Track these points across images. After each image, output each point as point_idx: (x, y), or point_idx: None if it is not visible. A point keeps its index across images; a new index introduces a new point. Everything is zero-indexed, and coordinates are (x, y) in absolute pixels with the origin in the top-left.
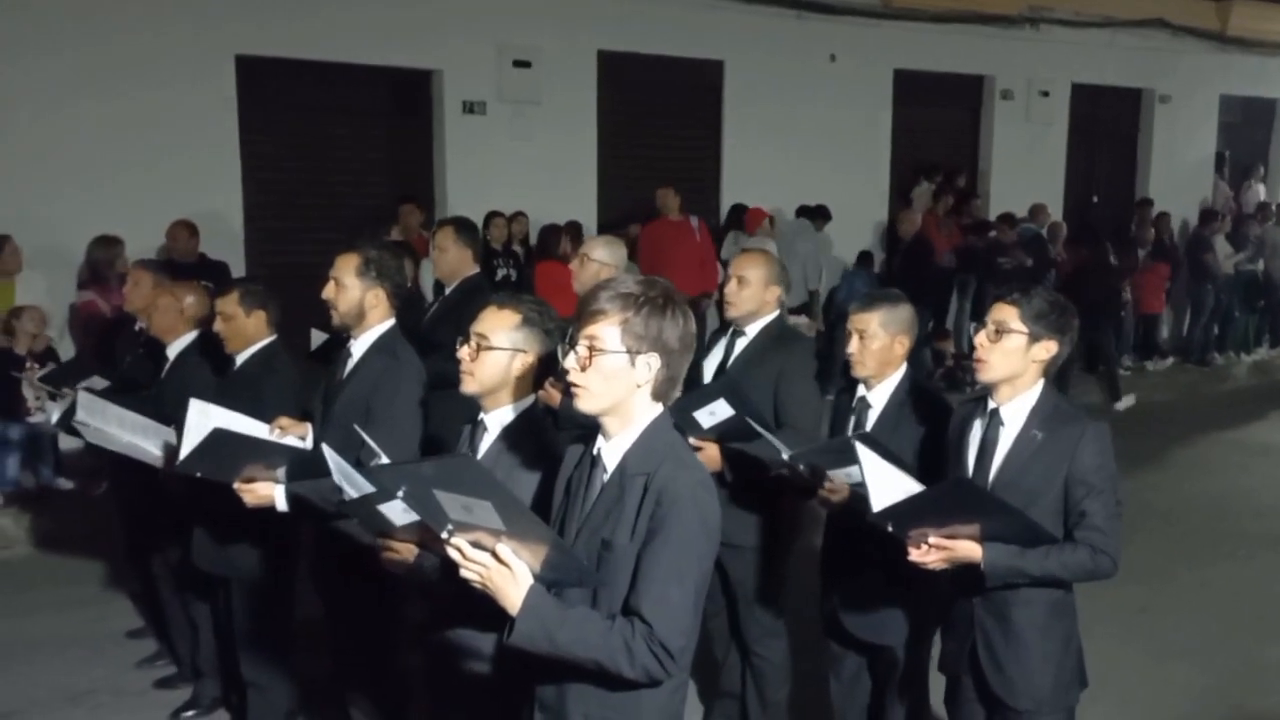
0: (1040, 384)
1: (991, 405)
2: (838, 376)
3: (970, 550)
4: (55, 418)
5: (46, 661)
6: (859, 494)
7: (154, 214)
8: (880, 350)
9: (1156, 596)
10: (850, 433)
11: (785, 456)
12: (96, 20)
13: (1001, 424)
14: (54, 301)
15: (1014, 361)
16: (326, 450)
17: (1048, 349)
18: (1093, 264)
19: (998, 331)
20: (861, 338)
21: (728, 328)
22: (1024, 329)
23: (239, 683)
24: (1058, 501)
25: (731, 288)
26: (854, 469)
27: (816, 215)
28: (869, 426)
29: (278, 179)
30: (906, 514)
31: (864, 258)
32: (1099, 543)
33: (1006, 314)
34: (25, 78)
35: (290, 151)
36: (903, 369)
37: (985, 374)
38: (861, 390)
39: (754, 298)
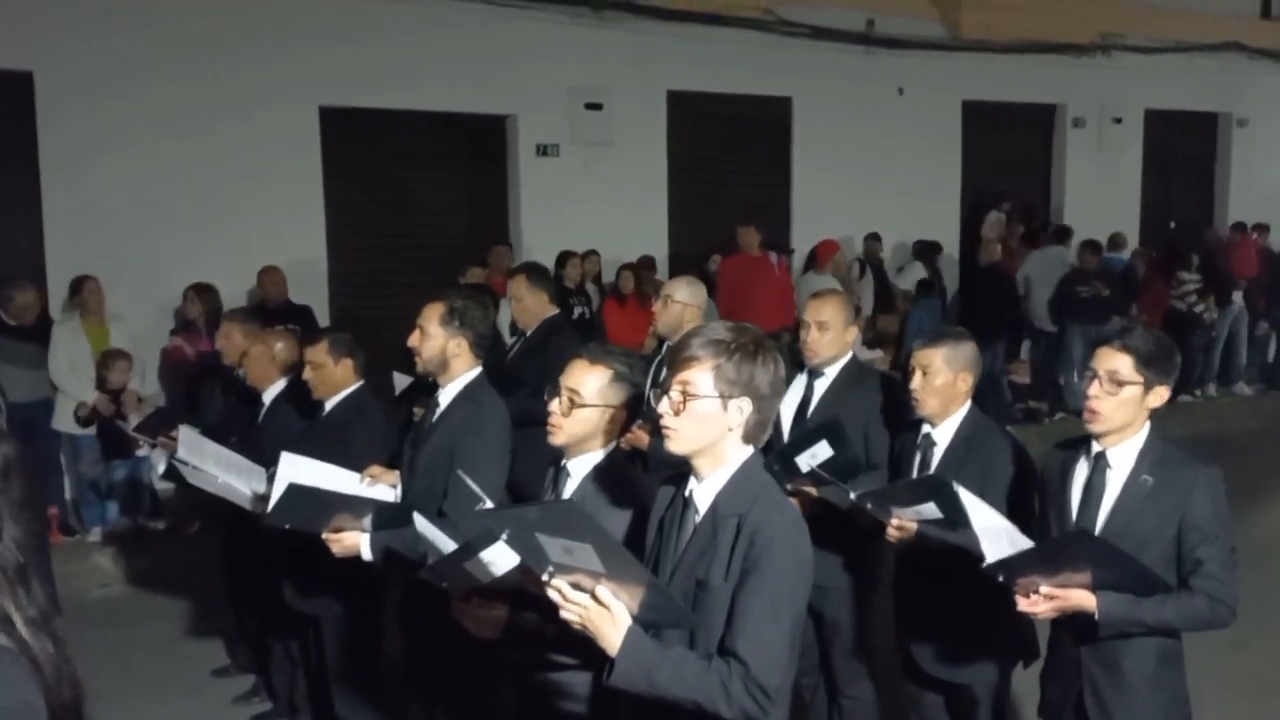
0: (1147, 426)
1: (1096, 449)
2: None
3: (1084, 599)
4: (161, 469)
5: (147, 698)
6: (926, 532)
7: (243, 260)
8: (943, 387)
9: (1253, 632)
10: (916, 471)
11: (852, 497)
12: (189, 77)
13: (1109, 467)
14: (147, 347)
15: (1129, 411)
16: (418, 517)
17: (1160, 396)
18: None
19: (1113, 382)
20: (925, 374)
21: (801, 367)
22: (1139, 379)
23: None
24: (1170, 549)
25: (813, 335)
26: (923, 507)
27: (1064, 236)
28: (934, 464)
29: (360, 224)
30: (1019, 565)
31: (925, 287)
32: (1216, 591)
33: (1119, 363)
34: (118, 130)
35: (371, 197)
36: (966, 406)
37: (1099, 425)
38: (926, 427)
39: (836, 342)
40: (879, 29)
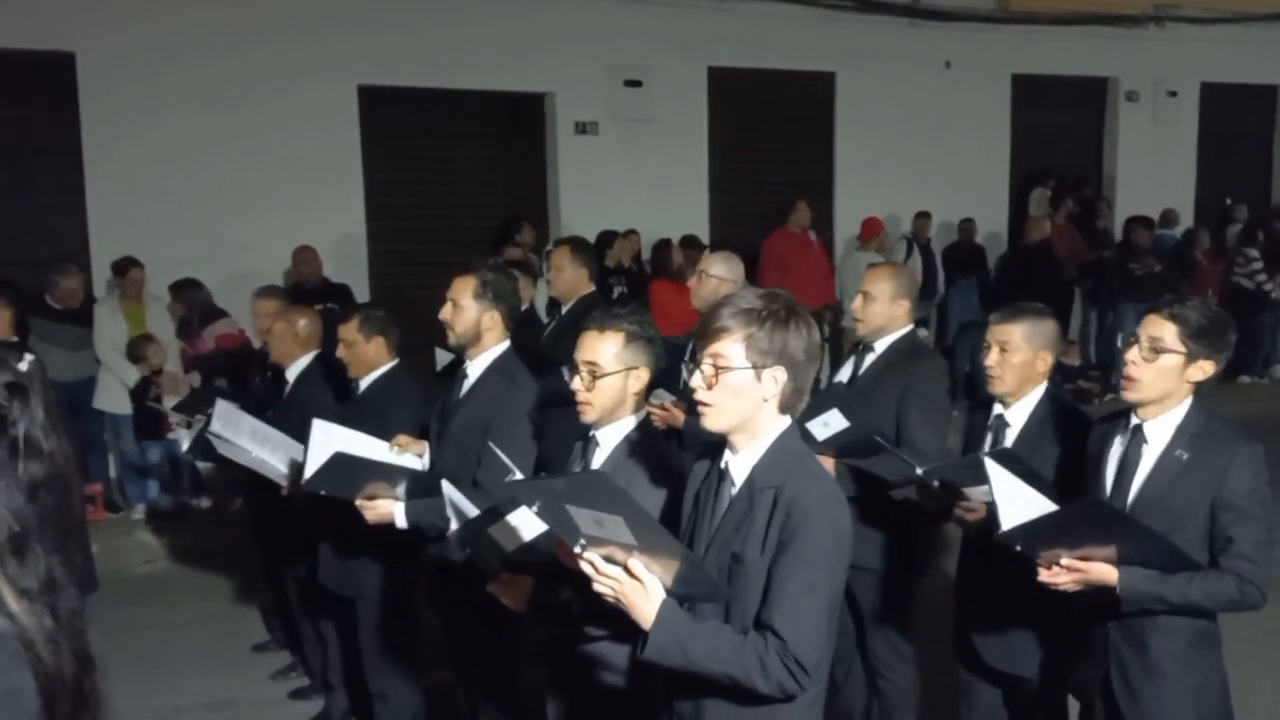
0: (1189, 401)
1: (1134, 421)
2: (960, 394)
3: (1105, 573)
4: (187, 444)
5: (188, 672)
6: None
7: (283, 239)
8: (1021, 365)
9: None
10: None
11: (919, 472)
12: (229, 56)
13: (1145, 441)
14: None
15: (1168, 382)
16: (445, 485)
17: (1203, 370)
18: None
19: (1153, 350)
20: (1003, 350)
21: (858, 344)
22: (1181, 349)
23: (367, 696)
24: (1203, 526)
25: (858, 304)
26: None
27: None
28: (1008, 446)
29: (399, 203)
30: (1037, 534)
31: (966, 265)
32: (1246, 572)
33: (1163, 330)
34: (158, 109)
35: (410, 176)
36: (1043, 386)
37: (1135, 393)
38: (998, 408)
39: (881, 313)
40: (925, 1)
